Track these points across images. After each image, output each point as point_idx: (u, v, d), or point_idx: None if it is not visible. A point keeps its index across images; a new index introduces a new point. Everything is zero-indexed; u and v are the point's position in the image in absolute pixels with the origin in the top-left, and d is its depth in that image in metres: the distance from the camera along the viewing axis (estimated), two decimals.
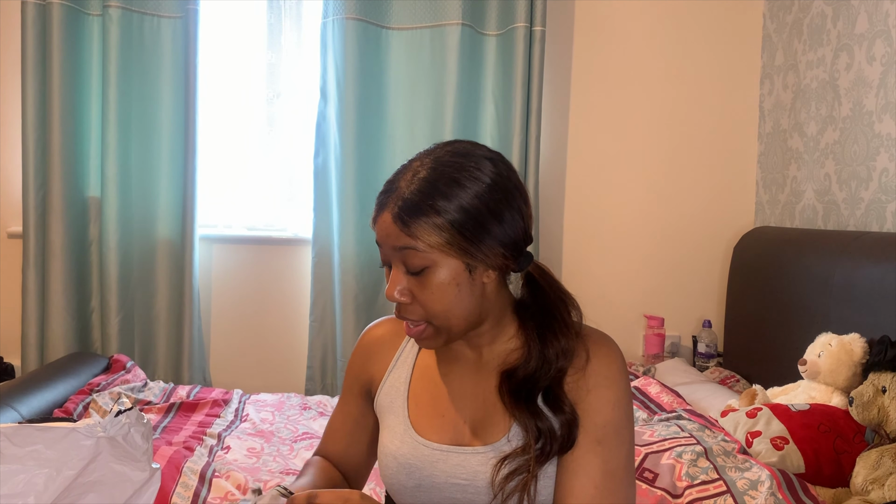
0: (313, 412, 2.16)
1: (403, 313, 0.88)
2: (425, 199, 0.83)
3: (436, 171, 0.85)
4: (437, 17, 2.56)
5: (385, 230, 0.85)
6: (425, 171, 0.85)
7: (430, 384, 0.97)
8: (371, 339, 1.05)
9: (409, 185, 0.85)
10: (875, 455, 1.40)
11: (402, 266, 0.86)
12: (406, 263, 0.85)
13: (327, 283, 2.61)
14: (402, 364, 1.00)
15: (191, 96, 2.52)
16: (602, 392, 0.88)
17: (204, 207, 2.62)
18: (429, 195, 0.83)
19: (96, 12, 2.52)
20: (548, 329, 0.90)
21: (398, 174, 0.88)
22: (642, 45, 2.76)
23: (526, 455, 0.86)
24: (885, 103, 1.99)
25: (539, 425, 0.86)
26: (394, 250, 0.85)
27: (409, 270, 0.85)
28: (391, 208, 0.85)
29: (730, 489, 1.38)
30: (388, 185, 0.87)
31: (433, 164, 0.86)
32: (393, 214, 0.84)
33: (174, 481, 1.48)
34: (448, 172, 0.85)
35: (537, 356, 0.89)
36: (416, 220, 0.83)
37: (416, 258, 0.84)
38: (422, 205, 0.83)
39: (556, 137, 2.76)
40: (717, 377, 2.40)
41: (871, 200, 2.04)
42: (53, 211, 2.46)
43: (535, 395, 0.88)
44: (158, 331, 2.62)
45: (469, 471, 0.89)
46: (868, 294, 1.77)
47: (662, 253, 2.78)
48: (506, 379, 0.90)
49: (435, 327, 0.88)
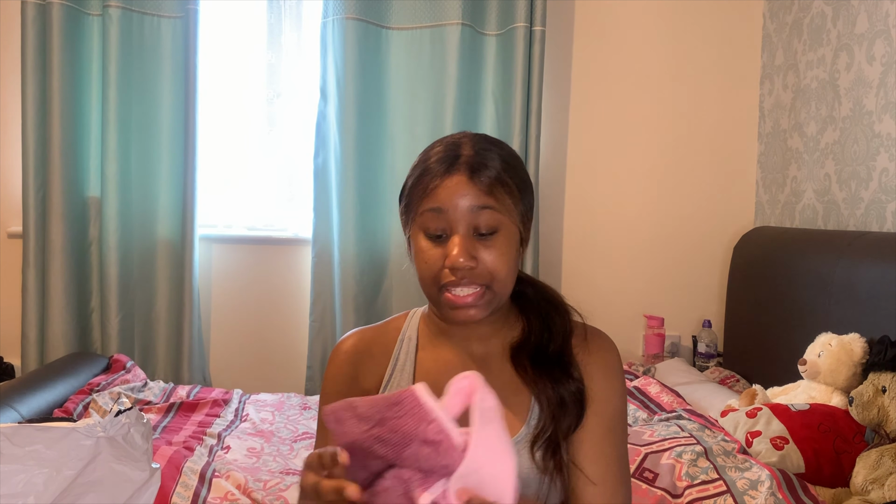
0: (313, 412, 2.16)
1: (465, 278, 0.85)
2: (499, 164, 0.86)
3: (493, 144, 0.89)
4: (437, 17, 2.56)
5: (459, 190, 0.84)
6: (486, 143, 0.88)
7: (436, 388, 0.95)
8: (352, 353, 0.98)
9: (477, 153, 0.86)
10: (875, 455, 1.40)
11: (470, 229, 0.85)
12: (478, 224, 0.84)
13: (327, 283, 2.61)
14: (400, 370, 0.96)
15: (191, 96, 2.52)
16: (610, 382, 0.91)
17: (204, 207, 2.62)
18: (500, 162, 0.87)
19: (96, 12, 2.52)
20: (549, 308, 0.94)
21: (451, 146, 0.88)
22: (642, 44, 2.76)
23: (550, 431, 0.87)
24: (885, 103, 1.99)
25: (562, 392, 0.88)
26: (468, 210, 0.84)
27: (479, 232, 0.85)
28: (464, 171, 0.85)
29: (730, 489, 1.38)
30: (447, 153, 0.87)
31: (486, 140, 0.89)
32: (469, 175, 0.85)
33: (174, 481, 1.48)
34: (503, 147, 0.90)
35: (540, 327, 0.92)
36: (493, 182, 0.85)
37: (491, 218, 0.85)
38: (498, 170, 0.86)
39: (556, 137, 2.76)
40: (717, 377, 2.40)
41: (871, 200, 2.04)
42: (53, 211, 2.46)
43: (551, 361, 0.90)
44: (158, 331, 2.62)
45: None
46: (868, 294, 1.77)
47: (662, 253, 2.78)
48: (518, 351, 0.92)
49: (493, 293, 0.86)
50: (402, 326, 0.99)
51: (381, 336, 0.99)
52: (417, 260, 0.89)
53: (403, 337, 0.98)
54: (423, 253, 0.87)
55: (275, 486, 1.56)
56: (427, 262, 0.86)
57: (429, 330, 0.98)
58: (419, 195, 0.87)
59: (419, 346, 0.97)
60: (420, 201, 0.87)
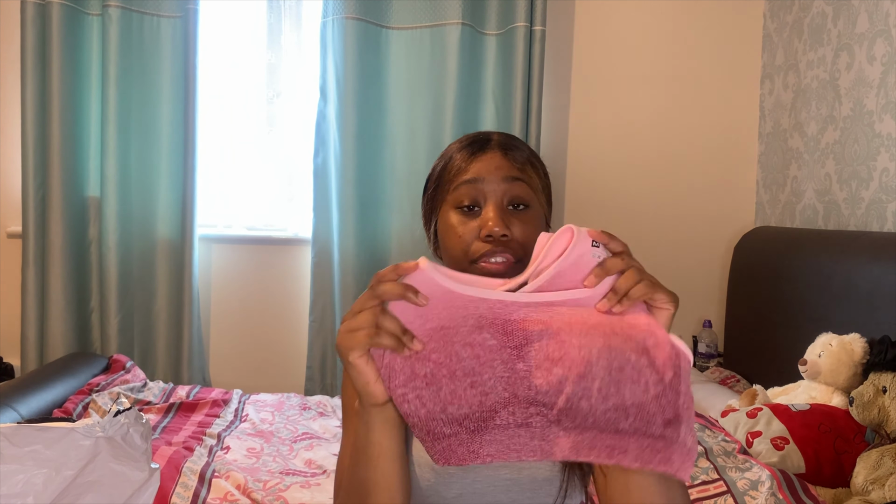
0: (313, 412, 2.15)
1: (500, 248, 0.84)
2: (527, 151, 0.92)
3: (518, 139, 0.94)
4: (437, 17, 2.56)
5: (495, 162, 0.87)
6: (512, 138, 0.93)
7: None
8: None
9: (507, 138, 0.91)
10: (875, 455, 1.39)
11: (505, 199, 0.86)
12: (512, 196, 0.86)
13: (327, 283, 2.61)
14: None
15: (191, 96, 2.52)
16: None
17: (204, 207, 2.62)
18: (528, 151, 0.92)
19: (96, 12, 2.52)
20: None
21: (478, 135, 0.92)
22: (642, 44, 2.76)
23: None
24: (886, 103, 1.99)
25: None
26: (503, 181, 0.86)
27: (513, 203, 0.86)
28: (498, 149, 0.89)
29: (730, 489, 1.38)
30: (477, 138, 0.91)
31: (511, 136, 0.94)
32: (503, 153, 0.88)
33: (174, 481, 1.48)
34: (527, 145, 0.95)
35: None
36: (525, 162, 0.89)
37: (524, 191, 0.87)
38: (527, 152, 0.91)
39: (556, 137, 2.76)
40: (718, 377, 2.40)
41: (872, 200, 2.04)
42: (53, 211, 2.46)
43: None
44: (158, 331, 2.62)
45: (513, 469, 0.85)
46: (868, 294, 1.77)
47: (662, 253, 2.78)
48: None
49: (522, 266, 0.84)
50: None
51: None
52: (448, 237, 0.88)
53: None
54: (455, 228, 0.87)
55: (274, 487, 1.56)
56: (460, 235, 0.86)
57: None
58: (453, 173, 0.89)
59: None
60: (454, 178, 0.88)
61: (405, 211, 2.59)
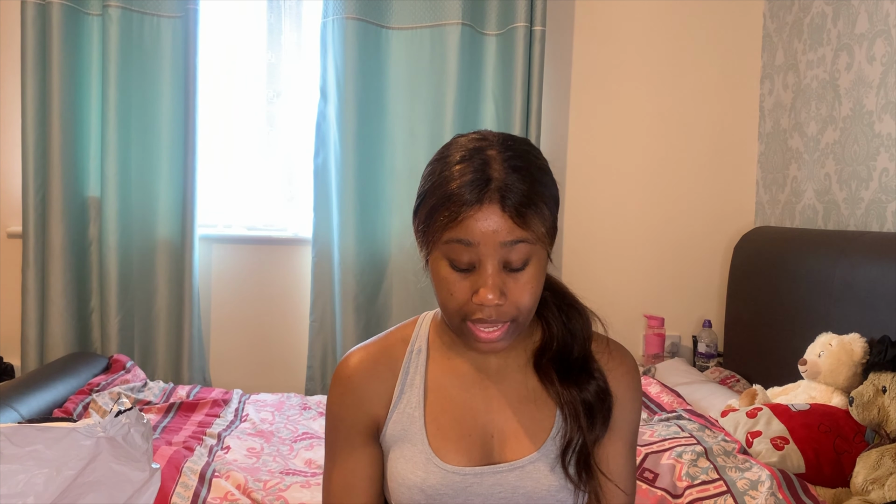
0: (313, 412, 2.16)
1: (493, 317, 0.79)
2: (531, 187, 0.78)
3: (523, 159, 0.79)
4: (437, 17, 2.56)
5: (493, 224, 0.76)
6: (516, 160, 0.79)
7: (449, 404, 0.89)
8: (359, 372, 0.90)
9: (508, 175, 0.77)
10: (875, 455, 1.40)
11: (500, 263, 0.78)
12: (510, 259, 0.78)
13: (327, 283, 2.61)
14: (410, 387, 0.90)
15: (191, 96, 2.52)
16: (634, 393, 0.92)
17: (204, 207, 2.62)
18: (532, 184, 0.78)
19: (96, 12, 2.52)
20: (569, 310, 0.91)
21: (480, 165, 0.78)
22: (642, 44, 2.76)
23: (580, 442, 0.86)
24: (886, 103, 1.99)
25: (589, 398, 0.86)
26: (500, 246, 0.77)
27: (511, 266, 0.78)
28: (497, 200, 0.76)
29: (730, 489, 1.38)
30: (476, 176, 0.77)
31: (513, 149, 0.80)
32: (504, 206, 0.76)
33: (174, 481, 1.48)
34: (533, 160, 0.81)
35: (562, 331, 0.89)
36: (529, 211, 0.77)
37: (524, 251, 0.78)
38: (531, 194, 0.77)
39: (556, 137, 2.76)
40: (717, 377, 2.40)
41: (872, 200, 2.04)
42: (53, 211, 2.46)
43: (576, 366, 0.88)
44: (158, 331, 2.62)
45: (507, 488, 0.85)
46: (868, 294, 1.77)
47: (662, 253, 2.78)
48: (541, 358, 0.89)
49: (517, 324, 0.82)
50: (410, 336, 0.93)
51: (386, 351, 0.92)
52: (440, 288, 0.81)
53: (412, 349, 0.91)
54: (449, 284, 0.80)
55: (275, 486, 1.56)
56: (453, 293, 0.80)
57: (441, 340, 0.92)
58: (445, 222, 0.78)
59: (430, 359, 0.91)
60: (445, 229, 0.78)
61: (405, 211, 2.59)
